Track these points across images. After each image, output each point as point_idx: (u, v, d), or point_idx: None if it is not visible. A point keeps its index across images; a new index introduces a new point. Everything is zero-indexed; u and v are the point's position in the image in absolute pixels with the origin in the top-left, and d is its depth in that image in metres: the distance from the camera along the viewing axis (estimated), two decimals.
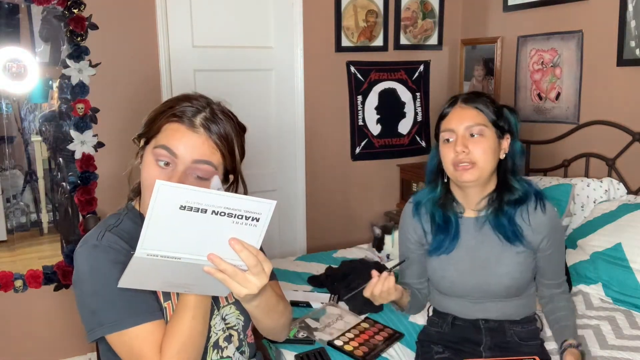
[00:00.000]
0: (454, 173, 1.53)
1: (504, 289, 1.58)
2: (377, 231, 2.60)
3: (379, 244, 2.60)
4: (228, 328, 1.24)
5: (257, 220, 0.94)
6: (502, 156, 1.56)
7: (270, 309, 1.19)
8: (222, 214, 0.91)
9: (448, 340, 1.66)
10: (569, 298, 1.71)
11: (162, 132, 1.11)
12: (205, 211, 0.90)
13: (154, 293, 1.12)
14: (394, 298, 1.50)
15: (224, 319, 1.23)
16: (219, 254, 0.96)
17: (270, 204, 0.93)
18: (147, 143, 1.14)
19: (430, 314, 1.77)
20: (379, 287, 1.45)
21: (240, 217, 0.93)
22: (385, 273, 1.46)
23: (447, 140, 1.53)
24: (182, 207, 0.89)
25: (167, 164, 1.09)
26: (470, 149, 1.49)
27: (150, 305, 1.10)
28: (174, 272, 0.98)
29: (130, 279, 0.99)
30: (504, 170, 1.57)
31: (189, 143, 1.09)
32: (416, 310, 1.76)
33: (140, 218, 1.18)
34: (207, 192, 0.90)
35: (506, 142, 1.56)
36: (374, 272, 1.47)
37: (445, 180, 1.61)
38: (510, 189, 1.57)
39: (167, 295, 1.15)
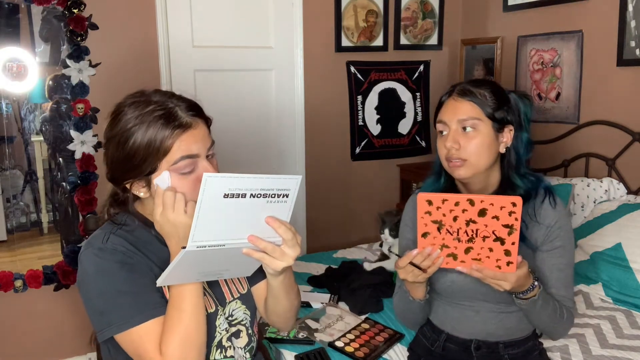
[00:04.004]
0: (448, 168, 1.45)
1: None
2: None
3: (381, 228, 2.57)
4: (236, 324, 1.25)
5: (287, 196, 1.00)
6: (503, 150, 1.43)
7: (291, 285, 1.25)
8: (259, 195, 0.97)
9: None
10: (569, 313, 1.47)
11: (173, 150, 1.08)
12: (245, 195, 0.96)
13: (160, 289, 1.13)
14: (423, 279, 1.35)
15: (231, 315, 1.24)
16: (257, 234, 1.01)
17: (297, 179, 1.00)
18: (151, 173, 1.10)
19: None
20: (420, 257, 1.29)
21: (272, 195, 0.99)
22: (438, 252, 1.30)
23: (441, 132, 1.44)
24: (226, 195, 0.94)
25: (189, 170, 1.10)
26: (462, 145, 1.39)
27: (154, 301, 1.11)
28: (214, 260, 1.02)
29: (172, 276, 1.02)
30: (507, 165, 1.45)
31: (198, 138, 1.11)
32: (417, 321, 1.61)
33: (144, 221, 1.18)
34: (246, 177, 0.95)
35: (508, 135, 1.43)
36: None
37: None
38: (512, 187, 1.44)
39: None
